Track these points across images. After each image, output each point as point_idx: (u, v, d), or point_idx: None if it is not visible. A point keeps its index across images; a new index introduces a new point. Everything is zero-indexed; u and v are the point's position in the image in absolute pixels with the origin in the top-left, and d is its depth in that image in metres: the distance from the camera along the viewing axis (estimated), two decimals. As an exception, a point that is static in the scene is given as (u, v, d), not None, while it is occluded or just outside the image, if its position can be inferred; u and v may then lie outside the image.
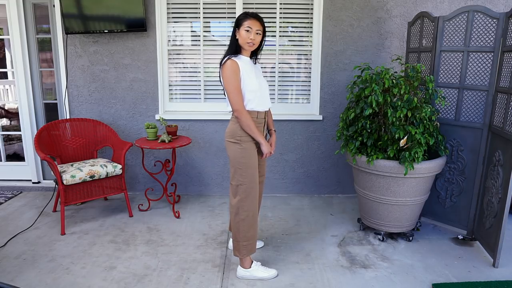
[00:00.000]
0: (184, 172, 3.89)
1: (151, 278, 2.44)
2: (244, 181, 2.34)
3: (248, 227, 2.40)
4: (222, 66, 2.27)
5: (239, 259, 2.48)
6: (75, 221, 3.27)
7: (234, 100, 2.26)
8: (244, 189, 2.35)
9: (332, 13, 3.59)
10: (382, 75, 2.74)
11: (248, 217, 2.38)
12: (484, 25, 2.69)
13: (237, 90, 2.25)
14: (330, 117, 3.78)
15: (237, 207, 2.38)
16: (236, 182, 2.36)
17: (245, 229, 2.40)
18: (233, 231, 2.45)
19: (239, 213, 2.38)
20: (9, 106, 4.52)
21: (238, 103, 2.26)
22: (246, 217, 2.38)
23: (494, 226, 2.63)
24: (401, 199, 2.78)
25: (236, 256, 2.47)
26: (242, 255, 2.44)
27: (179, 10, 3.68)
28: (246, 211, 2.38)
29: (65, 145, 3.50)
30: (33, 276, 2.44)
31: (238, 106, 2.27)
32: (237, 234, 2.42)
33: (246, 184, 2.35)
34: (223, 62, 2.27)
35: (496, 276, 2.49)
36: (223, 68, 2.26)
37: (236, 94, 2.25)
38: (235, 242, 2.44)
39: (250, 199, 2.37)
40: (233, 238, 2.47)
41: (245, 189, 2.35)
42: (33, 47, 3.77)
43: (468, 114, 2.86)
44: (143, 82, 3.73)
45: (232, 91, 2.25)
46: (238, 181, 2.35)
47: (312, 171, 3.90)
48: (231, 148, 2.35)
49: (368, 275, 2.50)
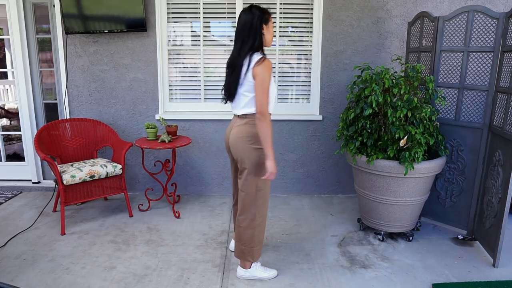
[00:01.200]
0: (184, 172, 3.89)
1: (151, 278, 2.44)
2: (264, 187, 2.30)
3: (262, 231, 2.40)
4: (260, 65, 2.11)
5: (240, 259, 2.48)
6: (75, 221, 3.27)
7: (264, 101, 2.12)
8: (262, 195, 2.31)
9: (332, 13, 3.59)
10: (382, 75, 2.74)
11: (262, 222, 2.37)
12: (484, 25, 2.69)
13: (268, 91, 2.14)
14: (330, 117, 3.78)
15: (254, 213, 2.32)
16: (257, 189, 2.28)
17: (260, 234, 2.38)
18: (246, 237, 2.36)
19: (255, 219, 2.33)
20: (9, 106, 4.52)
21: (266, 105, 2.14)
22: (261, 222, 2.37)
23: (494, 226, 2.63)
24: (401, 199, 2.78)
25: (249, 261, 2.42)
26: (256, 258, 2.42)
27: (179, 10, 3.68)
28: (261, 216, 2.35)
29: (65, 145, 3.50)
30: (33, 276, 2.44)
31: (265, 108, 2.13)
32: (251, 240, 2.36)
33: (265, 190, 2.31)
34: (258, 60, 2.12)
35: (496, 276, 2.49)
36: (263, 67, 2.10)
37: (267, 95, 2.14)
38: (248, 248, 2.37)
39: (266, 204, 2.37)
40: (245, 245, 2.38)
41: (263, 195, 2.31)
42: (33, 47, 3.77)
43: (468, 114, 2.86)
44: (143, 82, 3.73)
45: (265, 92, 2.12)
46: (258, 187, 2.28)
47: (312, 171, 3.90)
48: (253, 154, 2.22)
49: (368, 275, 2.50)
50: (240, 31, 2.18)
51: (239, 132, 2.24)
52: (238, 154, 2.26)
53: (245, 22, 2.16)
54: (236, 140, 2.25)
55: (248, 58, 2.15)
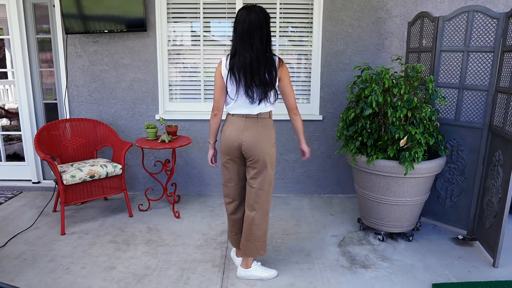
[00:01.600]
0: (184, 172, 3.89)
1: (151, 278, 2.44)
2: (273, 181, 2.41)
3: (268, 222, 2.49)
4: (283, 65, 2.23)
5: (243, 260, 2.47)
6: (75, 221, 3.27)
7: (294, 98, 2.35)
8: (272, 189, 2.42)
9: (332, 13, 3.59)
10: (382, 75, 2.74)
11: (268, 213, 2.46)
12: (484, 25, 2.69)
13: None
14: (330, 117, 3.78)
15: (267, 208, 2.39)
16: (270, 184, 2.36)
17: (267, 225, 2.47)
18: (260, 233, 2.40)
19: (268, 213, 2.42)
20: (9, 106, 4.53)
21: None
22: (268, 213, 2.45)
23: (494, 226, 2.63)
24: (401, 199, 2.78)
25: (261, 255, 2.50)
26: (265, 250, 2.49)
27: (179, 10, 3.68)
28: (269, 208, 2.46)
29: (65, 145, 3.50)
30: (33, 276, 2.44)
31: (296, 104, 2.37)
32: (264, 234, 2.44)
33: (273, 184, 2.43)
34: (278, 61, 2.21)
35: (496, 276, 2.49)
36: (286, 67, 2.26)
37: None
38: (261, 242, 2.43)
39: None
40: (258, 240, 2.41)
41: (272, 189, 2.42)
42: (33, 47, 3.77)
43: (468, 114, 2.86)
44: (143, 82, 3.73)
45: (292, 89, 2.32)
46: (271, 182, 2.37)
47: (312, 171, 3.90)
48: (272, 150, 2.31)
49: (368, 275, 2.50)
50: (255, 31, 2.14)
51: (260, 132, 2.26)
52: (259, 153, 2.25)
53: (259, 22, 2.14)
54: (257, 141, 2.24)
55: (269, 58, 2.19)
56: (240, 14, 2.17)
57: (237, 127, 2.27)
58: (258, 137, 2.25)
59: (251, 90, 2.19)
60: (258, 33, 2.14)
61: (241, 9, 2.19)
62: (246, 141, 2.24)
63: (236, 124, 2.27)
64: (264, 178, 2.30)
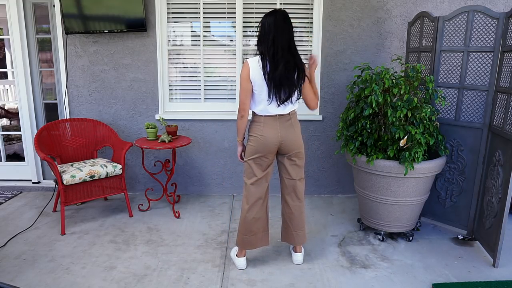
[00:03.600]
0: (184, 172, 3.89)
1: (151, 278, 2.44)
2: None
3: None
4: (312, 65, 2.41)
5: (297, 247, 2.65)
6: (75, 221, 3.27)
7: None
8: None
9: (332, 13, 3.59)
10: (382, 75, 2.74)
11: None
12: (484, 25, 2.69)
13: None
14: (330, 117, 3.78)
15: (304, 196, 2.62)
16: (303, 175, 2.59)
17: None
18: (303, 219, 2.62)
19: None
20: (9, 106, 4.53)
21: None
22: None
23: (494, 226, 2.63)
24: (401, 199, 2.78)
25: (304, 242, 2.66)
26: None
27: (179, 10, 3.68)
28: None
29: (65, 145, 3.50)
30: (33, 276, 2.44)
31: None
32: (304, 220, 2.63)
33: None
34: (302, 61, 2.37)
35: (496, 276, 2.49)
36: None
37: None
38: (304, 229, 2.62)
39: None
40: (304, 228, 2.62)
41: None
42: (33, 47, 3.77)
43: (468, 114, 2.86)
44: (143, 82, 3.73)
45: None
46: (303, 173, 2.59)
47: (312, 171, 3.90)
48: (303, 143, 2.53)
49: (368, 275, 2.50)
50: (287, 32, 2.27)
51: (297, 129, 2.47)
52: (297, 147, 2.48)
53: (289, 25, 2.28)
54: (294, 138, 2.44)
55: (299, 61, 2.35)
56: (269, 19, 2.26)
57: (273, 127, 2.40)
58: (294, 134, 2.45)
59: (284, 93, 2.33)
60: (289, 36, 2.28)
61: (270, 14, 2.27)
62: (285, 139, 2.42)
63: (270, 124, 2.40)
64: (301, 168, 2.56)
